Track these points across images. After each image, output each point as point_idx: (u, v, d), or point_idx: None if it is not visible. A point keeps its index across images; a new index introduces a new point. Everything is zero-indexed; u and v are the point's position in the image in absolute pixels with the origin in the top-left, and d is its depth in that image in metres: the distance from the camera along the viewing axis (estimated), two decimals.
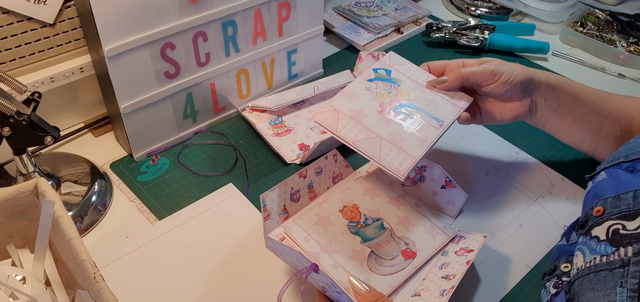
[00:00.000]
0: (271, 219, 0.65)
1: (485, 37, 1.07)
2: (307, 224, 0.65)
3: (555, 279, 0.54)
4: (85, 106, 0.85)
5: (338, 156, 0.74)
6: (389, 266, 0.62)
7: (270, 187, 0.65)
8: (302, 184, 0.69)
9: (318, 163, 0.71)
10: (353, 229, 0.65)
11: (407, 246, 0.65)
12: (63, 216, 0.51)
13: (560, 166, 0.81)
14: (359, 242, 0.64)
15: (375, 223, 0.67)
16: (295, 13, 0.87)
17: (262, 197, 0.62)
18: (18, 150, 0.66)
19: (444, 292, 0.56)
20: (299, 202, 0.69)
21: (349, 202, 0.68)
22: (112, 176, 0.77)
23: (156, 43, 0.73)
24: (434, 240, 0.66)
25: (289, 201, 0.68)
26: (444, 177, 0.70)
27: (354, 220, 0.66)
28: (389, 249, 0.64)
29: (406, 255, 0.64)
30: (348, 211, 0.67)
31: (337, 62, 1.03)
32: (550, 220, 0.73)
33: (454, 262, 0.62)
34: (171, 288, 0.63)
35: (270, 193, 0.64)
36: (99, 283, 0.46)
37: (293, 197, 0.68)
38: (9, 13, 0.71)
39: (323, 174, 0.72)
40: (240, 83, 0.87)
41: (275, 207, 0.66)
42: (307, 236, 0.63)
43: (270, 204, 0.65)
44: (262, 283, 0.64)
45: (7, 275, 0.53)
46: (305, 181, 0.69)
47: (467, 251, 0.63)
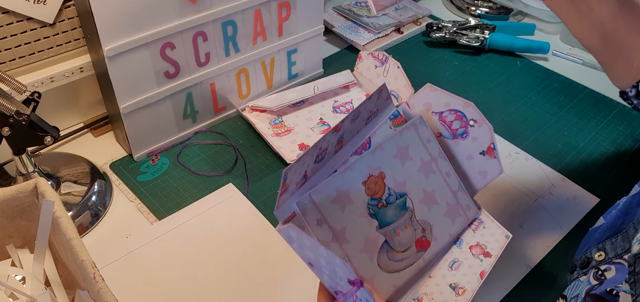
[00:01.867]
0: (288, 191, 0.55)
1: (485, 37, 1.07)
2: (325, 201, 0.56)
3: (594, 270, 0.54)
4: (85, 106, 0.85)
5: (384, 91, 0.62)
6: (399, 260, 0.58)
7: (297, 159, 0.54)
8: (333, 140, 0.59)
9: (358, 108, 0.59)
10: (372, 210, 0.58)
11: (423, 234, 0.60)
12: (63, 216, 0.50)
13: (560, 165, 0.81)
14: (376, 228, 0.58)
15: (398, 201, 0.59)
16: (295, 13, 0.87)
17: (284, 172, 0.52)
18: (18, 150, 0.66)
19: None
20: (322, 161, 0.59)
21: (376, 169, 0.59)
22: (112, 176, 0.77)
23: (156, 43, 0.73)
24: (453, 224, 0.61)
25: (312, 165, 0.58)
26: (489, 142, 0.61)
27: (376, 196, 0.58)
28: (404, 237, 0.59)
29: (419, 246, 0.59)
30: (372, 182, 0.59)
31: (337, 62, 1.03)
32: (550, 220, 0.73)
33: (467, 265, 0.58)
34: (171, 288, 0.63)
35: (295, 165, 0.53)
36: (99, 283, 0.46)
37: (317, 158, 0.58)
38: (9, 13, 0.71)
39: (360, 119, 0.61)
40: (240, 83, 0.87)
41: (295, 177, 0.55)
42: (322, 218, 0.55)
43: (292, 176, 0.54)
44: (262, 283, 0.64)
45: (6, 275, 0.53)
46: (337, 135, 0.59)
47: (483, 253, 0.59)
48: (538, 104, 0.94)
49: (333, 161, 0.60)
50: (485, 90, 0.97)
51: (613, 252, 0.54)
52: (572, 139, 0.86)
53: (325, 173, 0.59)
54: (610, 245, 0.55)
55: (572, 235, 0.71)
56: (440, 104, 0.62)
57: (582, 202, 0.75)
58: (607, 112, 0.92)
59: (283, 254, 0.67)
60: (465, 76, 1.01)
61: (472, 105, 0.60)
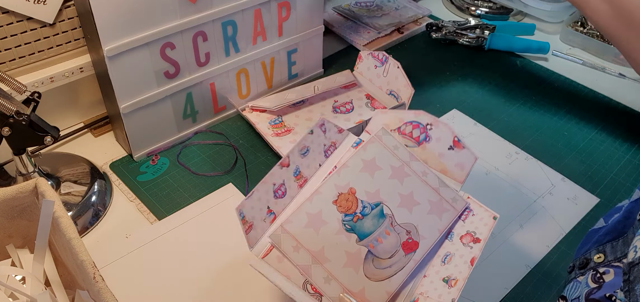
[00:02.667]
0: (255, 228, 0.57)
1: (485, 37, 1.07)
2: (297, 228, 0.57)
3: (592, 272, 0.54)
4: (85, 106, 0.85)
5: (327, 124, 0.64)
6: (388, 267, 0.57)
7: (248, 195, 0.57)
8: (286, 175, 0.60)
9: (302, 142, 0.61)
10: (348, 226, 0.59)
11: (408, 236, 0.59)
12: (63, 216, 0.50)
13: (560, 166, 0.81)
14: (355, 242, 0.58)
15: (374, 211, 0.60)
16: (295, 13, 0.87)
17: (238, 209, 0.55)
18: (18, 150, 0.66)
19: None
20: (287, 196, 0.60)
21: (345, 187, 0.60)
22: (112, 176, 0.77)
23: (156, 43, 0.73)
24: (440, 220, 0.60)
25: (273, 200, 0.59)
26: (451, 137, 0.62)
27: (350, 211, 0.59)
28: (388, 244, 0.58)
29: (407, 248, 0.59)
30: (343, 200, 0.60)
31: (337, 62, 1.03)
32: (550, 220, 0.73)
33: (458, 256, 0.57)
34: (171, 288, 0.63)
35: (248, 201, 0.56)
36: (99, 283, 0.46)
37: (277, 194, 0.59)
38: (9, 13, 0.71)
39: (312, 152, 0.63)
40: (240, 83, 0.87)
41: (257, 213, 0.57)
42: (297, 245, 0.57)
43: (250, 212, 0.56)
44: (262, 283, 0.64)
45: (6, 275, 0.53)
46: (289, 170, 0.61)
47: (473, 240, 0.58)
48: (538, 104, 0.94)
49: (300, 195, 0.62)
50: (485, 90, 0.97)
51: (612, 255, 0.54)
52: (572, 139, 0.86)
53: (294, 206, 0.60)
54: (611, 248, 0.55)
55: (572, 235, 0.71)
56: (395, 121, 0.64)
57: (582, 202, 0.75)
58: (607, 112, 0.92)
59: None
60: (465, 76, 1.01)
61: (423, 112, 0.63)
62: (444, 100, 0.94)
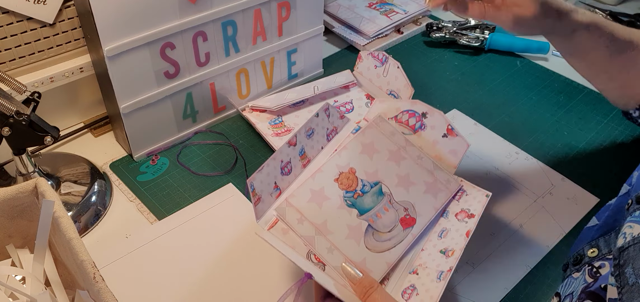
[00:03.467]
0: (263, 201, 0.60)
1: (485, 37, 1.07)
2: (301, 202, 0.60)
3: (588, 267, 0.54)
4: (85, 106, 0.85)
5: (331, 109, 0.68)
6: (387, 240, 0.60)
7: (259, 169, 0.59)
8: (292, 153, 0.64)
9: (309, 124, 0.65)
10: (349, 202, 0.62)
11: (406, 212, 0.62)
12: (63, 216, 0.51)
13: (560, 166, 0.81)
14: (356, 216, 0.61)
15: (373, 189, 0.63)
16: (295, 13, 0.87)
17: (249, 182, 0.57)
18: (18, 150, 0.66)
19: (441, 274, 0.56)
20: (292, 174, 0.64)
21: (345, 167, 0.63)
22: (112, 176, 0.77)
23: (156, 43, 0.73)
24: (436, 199, 0.64)
25: (280, 176, 0.63)
26: (445, 125, 0.66)
27: (351, 189, 0.62)
28: (387, 219, 0.61)
29: (405, 223, 0.62)
30: (344, 178, 0.63)
31: (337, 62, 1.03)
32: (550, 220, 0.73)
33: (454, 230, 0.61)
34: (171, 288, 0.63)
35: (258, 175, 0.59)
36: (99, 283, 0.46)
37: (284, 170, 0.63)
38: (9, 13, 0.71)
39: (316, 134, 0.67)
40: (240, 83, 0.87)
41: (265, 187, 0.61)
42: (301, 217, 0.60)
43: (260, 186, 0.60)
44: (261, 283, 0.64)
45: (6, 275, 0.53)
46: (296, 148, 0.64)
47: (467, 215, 0.61)
48: (538, 104, 0.94)
49: (303, 174, 0.65)
50: (485, 90, 0.97)
51: (606, 248, 0.54)
52: (572, 139, 0.86)
53: (298, 183, 0.64)
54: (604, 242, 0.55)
55: (572, 235, 0.71)
56: (392, 110, 0.68)
57: (582, 202, 0.75)
58: (607, 112, 0.92)
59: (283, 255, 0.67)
60: (465, 76, 1.01)
61: (418, 101, 0.66)
62: (444, 100, 0.94)
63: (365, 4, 1.15)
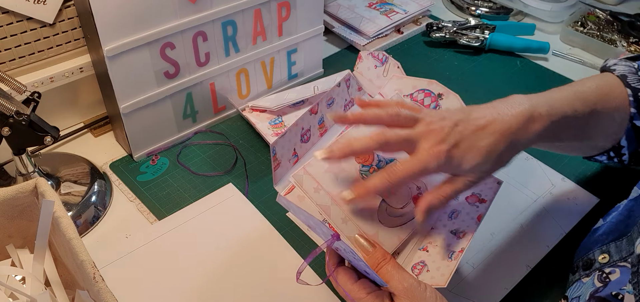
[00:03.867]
0: (281, 166, 0.60)
1: (485, 37, 1.07)
2: (318, 171, 0.60)
3: (598, 273, 0.54)
4: (85, 106, 0.85)
5: (351, 80, 0.68)
6: (400, 216, 0.61)
7: (281, 134, 0.59)
8: (313, 122, 0.64)
9: (330, 93, 0.65)
10: (365, 176, 0.62)
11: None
12: (63, 216, 0.51)
13: (560, 165, 0.81)
14: None
15: (389, 165, 0.62)
16: (295, 13, 0.87)
17: (272, 146, 0.57)
18: (18, 150, 0.66)
19: (452, 255, 0.56)
20: (310, 142, 0.64)
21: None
22: (112, 176, 0.77)
23: (156, 43, 0.73)
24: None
25: (299, 143, 0.63)
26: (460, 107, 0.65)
27: (367, 163, 0.62)
28: (400, 195, 0.62)
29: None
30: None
31: (337, 62, 1.03)
32: (550, 220, 0.73)
33: (464, 213, 0.61)
34: (171, 288, 0.63)
35: (281, 140, 0.59)
36: (99, 283, 0.46)
37: (303, 138, 0.64)
38: (9, 13, 0.71)
39: (335, 105, 0.67)
40: (240, 83, 0.87)
41: (286, 153, 0.61)
42: (318, 186, 0.59)
43: (281, 151, 0.60)
44: (261, 283, 0.64)
45: (6, 275, 0.53)
46: (316, 117, 0.65)
47: (479, 200, 0.62)
48: None
49: (320, 143, 0.65)
50: (485, 90, 0.97)
51: (618, 255, 0.54)
52: None
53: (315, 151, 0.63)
54: (615, 248, 0.55)
55: (572, 235, 0.71)
56: (409, 87, 0.68)
57: (582, 202, 0.75)
58: None
59: (283, 254, 0.67)
60: (465, 76, 1.01)
61: (435, 82, 0.66)
62: None
63: (365, 4, 1.15)
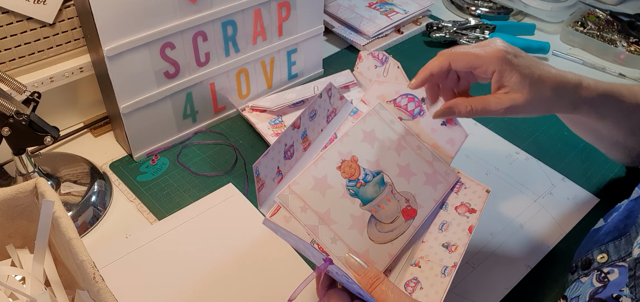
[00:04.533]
0: (266, 187, 0.59)
1: (485, 37, 1.07)
2: (304, 190, 0.59)
3: (596, 272, 0.54)
4: (85, 106, 0.85)
5: (333, 90, 0.67)
6: (389, 231, 0.60)
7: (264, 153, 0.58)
8: (296, 136, 0.63)
9: (312, 106, 0.65)
10: (352, 191, 0.61)
11: (407, 203, 0.62)
12: (62, 216, 0.50)
13: (560, 165, 0.81)
14: (359, 206, 0.60)
15: (375, 179, 0.62)
16: (295, 13, 0.87)
17: (255, 166, 0.56)
18: (17, 150, 0.66)
19: (445, 270, 0.56)
20: (293, 158, 0.63)
21: (347, 154, 0.62)
22: (112, 176, 0.77)
23: (156, 43, 0.73)
24: (435, 191, 0.64)
25: (283, 160, 0.62)
26: None
27: (353, 178, 0.61)
28: (389, 209, 0.61)
29: (406, 214, 0.62)
30: (346, 166, 0.62)
31: (337, 62, 1.03)
32: (550, 220, 0.73)
33: (455, 224, 0.61)
34: (171, 288, 0.63)
35: (264, 159, 0.58)
36: (99, 283, 0.46)
37: (286, 154, 0.62)
38: (9, 13, 0.71)
39: (317, 116, 0.66)
40: (240, 83, 0.87)
41: (269, 172, 0.60)
42: (305, 205, 0.58)
43: (264, 171, 0.58)
44: (261, 283, 0.64)
45: (6, 275, 0.53)
46: (299, 131, 0.64)
47: (468, 210, 0.61)
48: None
49: (304, 158, 0.64)
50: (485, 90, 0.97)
51: (616, 254, 0.54)
52: (572, 139, 0.86)
53: (299, 168, 0.63)
54: (614, 248, 0.55)
55: (572, 235, 0.71)
56: (391, 92, 0.67)
57: (582, 202, 0.75)
58: None
59: (283, 254, 0.67)
60: None
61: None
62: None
63: (365, 4, 1.15)
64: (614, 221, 0.59)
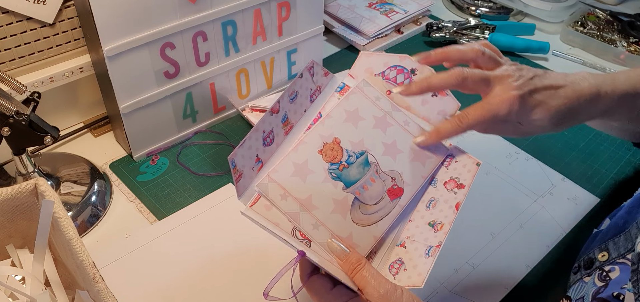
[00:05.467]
0: (244, 177, 0.57)
1: (485, 37, 1.07)
2: (284, 177, 0.57)
3: (598, 271, 0.54)
4: (85, 106, 0.85)
5: (315, 67, 0.64)
6: (374, 212, 0.58)
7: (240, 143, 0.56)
8: (275, 122, 0.60)
9: (292, 87, 0.62)
10: (334, 174, 0.59)
11: (393, 182, 0.60)
12: (62, 216, 0.50)
13: (560, 166, 0.81)
14: (342, 189, 0.58)
15: (359, 159, 0.60)
16: (295, 13, 0.87)
17: (230, 158, 0.54)
18: (17, 150, 0.66)
19: (429, 249, 0.54)
20: (274, 143, 0.61)
21: (329, 137, 0.60)
22: (112, 176, 0.77)
23: (156, 43, 0.73)
24: (424, 167, 0.61)
25: (262, 148, 0.59)
26: None
27: (336, 160, 0.59)
28: (373, 191, 0.59)
29: (392, 194, 0.60)
30: (328, 149, 0.59)
31: (337, 62, 1.03)
32: (550, 220, 0.73)
33: (443, 201, 0.59)
34: (171, 288, 0.63)
35: (240, 150, 0.56)
36: (99, 283, 0.46)
37: (266, 141, 0.60)
38: (9, 13, 0.71)
39: (299, 97, 0.63)
40: (240, 83, 0.87)
41: (247, 162, 0.57)
42: (285, 193, 0.56)
43: (241, 161, 0.56)
44: (261, 283, 0.64)
45: (6, 275, 0.53)
46: (278, 116, 0.61)
47: (457, 185, 0.59)
48: None
49: (286, 143, 0.62)
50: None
51: (616, 252, 0.54)
52: (572, 139, 0.86)
53: (280, 154, 0.60)
54: (613, 245, 0.55)
55: (572, 235, 0.71)
56: (380, 64, 0.65)
57: (582, 202, 0.75)
58: None
59: (283, 254, 0.67)
60: None
61: (407, 56, 0.64)
62: None
63: (365, 4, 1.15)
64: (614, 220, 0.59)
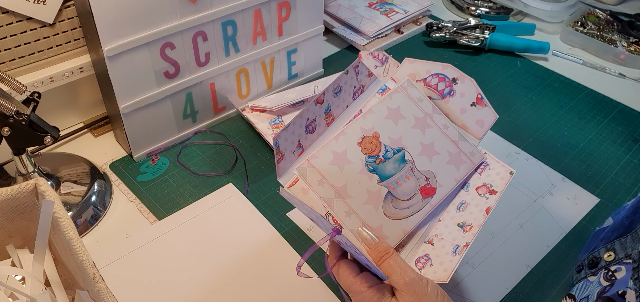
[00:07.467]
0: (285, 159, 0.60)
1: (485, 37, 1.07)
2: (323, 164, 0.59)
3: (604, 271, 0.54)
4: (85, 106, 0.85)
5: (361, 66, 0.68)
6: (405, 208, 0.60)
7: (284, 126, 0.59)
8: (319, 112, 0.63)
9: (337, 81, 0.65)
10: (371, 167, 0.61)
11: (427, 182, 0.62)
12: (62, 216, 0.50)
13: (560, 166, 0.81)
14: (377, 182, 0.60)
15: (396, 155, 0.62)
16: (295, 13, 0.87)
17: (274, 139, 0.57)
18: (17, 150, 0.66)
19: (457, 249, 0.56)
20: (315, 132, 0.63)
21: (369, 130, 0.62)
22: (112, 176, 0.77)
23: (156, 43, 0.73)
24: (458, 171, 0.63)
25: (304, 134, 0.62)
26: (475, 93, 0.65)
27: (373, 154, 0.61)
28: (407, 187, 0.61)
29: (425, 193, 0.62)
30: (367, 142, 0.62)
31: (337, 62, 1.03)
32: (550, 220, 0.73)
33: (473, 205, 0.60)
34: (171, 288, 0.63)
35: (284, 132, 0.59)
36: (99, 283, 0.46)
37: (308, 129, 0.63)
38: (9, 13, 0.71)
39: (343, 93, 0.66)
40: (240, 83, 0.87)
41: (289, 145, 0.60)
42: (322, 179, 0.59)
43: (284, 144, 0.59)
44: (261, 282, 0.64)
45: (6, 275, 0.53)
46: (322, 107, 0.64)
47: (489, 191, 0.61)
48: (538, 104, 0.94)
49: (327, 133, 0.64)
50: (485, 90, 0.96)
51: (623, 252, 0.54)
52: (572, 139, 0.86)
53: (320, 143, 0.63)
54: (620, 245, 0.55)
55: (572, 235, 0.71)
56: (422, 71, 0.67)
57: (582, 202, 0.75)
58: (607, 112, 0.92)
59: (283, 254, 0.67)
60: None
61: (450, 66, 0.65)
62: None
63: (365, 4, 1.15)
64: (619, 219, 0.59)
